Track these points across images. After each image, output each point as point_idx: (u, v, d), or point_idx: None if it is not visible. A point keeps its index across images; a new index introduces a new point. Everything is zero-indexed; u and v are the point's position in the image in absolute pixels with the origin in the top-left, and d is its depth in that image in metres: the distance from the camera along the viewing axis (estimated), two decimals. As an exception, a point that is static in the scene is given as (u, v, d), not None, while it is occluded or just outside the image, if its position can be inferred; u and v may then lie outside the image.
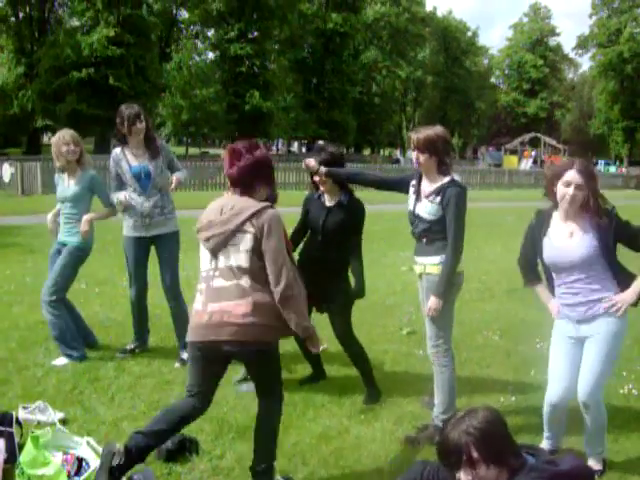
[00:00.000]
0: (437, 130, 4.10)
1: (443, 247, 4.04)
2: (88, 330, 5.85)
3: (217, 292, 3.32)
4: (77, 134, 5.52)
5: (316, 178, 4.60)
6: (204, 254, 3.45)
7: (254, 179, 3.45)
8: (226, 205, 3.41)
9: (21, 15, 42.53)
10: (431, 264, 4.11)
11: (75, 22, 43.71)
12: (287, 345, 5.06)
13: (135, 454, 3.28)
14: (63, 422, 4.16)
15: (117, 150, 5.46)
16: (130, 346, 5.72)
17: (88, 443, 3.68)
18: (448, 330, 4.23)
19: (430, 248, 4.11)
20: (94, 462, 3.46)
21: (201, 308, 3.35)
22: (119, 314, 6.73)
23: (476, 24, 76.61)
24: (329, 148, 4.71)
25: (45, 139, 50.30)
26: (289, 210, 5.62)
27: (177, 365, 5.40)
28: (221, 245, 3.34)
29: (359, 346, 4.84)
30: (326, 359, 5.17)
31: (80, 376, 5.06)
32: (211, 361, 3.41)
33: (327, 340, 4.94)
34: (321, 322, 4.74)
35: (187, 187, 22.53)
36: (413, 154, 4.16)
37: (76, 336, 5.47)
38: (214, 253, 3.37)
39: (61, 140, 5.36)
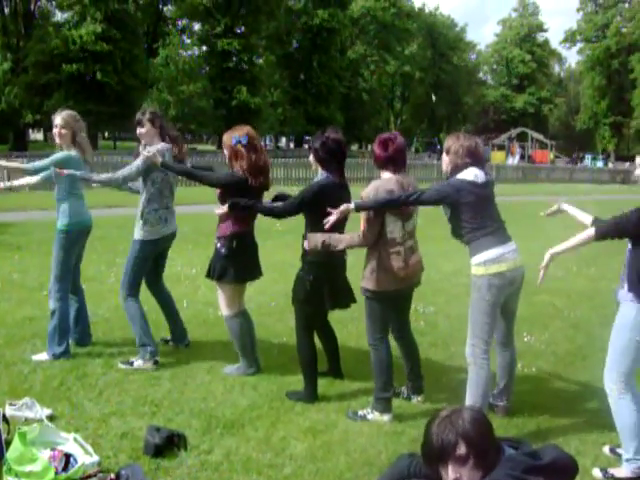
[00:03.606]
0: (458, 137, 4.18)
1: (473, 248, 4.04)
2: (86, 328, 5.79)
3: (411, 249, 4.27)
4: (72, 117, 5.31)
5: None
6: (393, 225, 4.16)
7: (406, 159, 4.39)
8: (405, 183, 4.26)
9: (7, 11, 42.22)
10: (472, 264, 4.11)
11: (62, 16, 43.41)
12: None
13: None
14: (50, 418, 4.14)
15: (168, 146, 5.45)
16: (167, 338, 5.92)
17: (75, 439, 3.67)
18: (483, 332, 4.09)
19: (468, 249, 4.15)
20: (81, 458, 3.46)
21: (403, 264, 4.17)
22: (106, 311, 6.71)
23: (470, 20, 76.82)
24: (331, 134, 4.53)
25: (32, 136, 50.00)
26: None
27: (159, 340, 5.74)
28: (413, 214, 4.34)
29: None
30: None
31: (67, 372, 5.04)
32: (404, 299, 4.55)
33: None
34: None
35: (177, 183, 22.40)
36: None
37: (65, 334, 5.39)
38: (405, 222, 4.22)
39: (54, 121, 5.30)
